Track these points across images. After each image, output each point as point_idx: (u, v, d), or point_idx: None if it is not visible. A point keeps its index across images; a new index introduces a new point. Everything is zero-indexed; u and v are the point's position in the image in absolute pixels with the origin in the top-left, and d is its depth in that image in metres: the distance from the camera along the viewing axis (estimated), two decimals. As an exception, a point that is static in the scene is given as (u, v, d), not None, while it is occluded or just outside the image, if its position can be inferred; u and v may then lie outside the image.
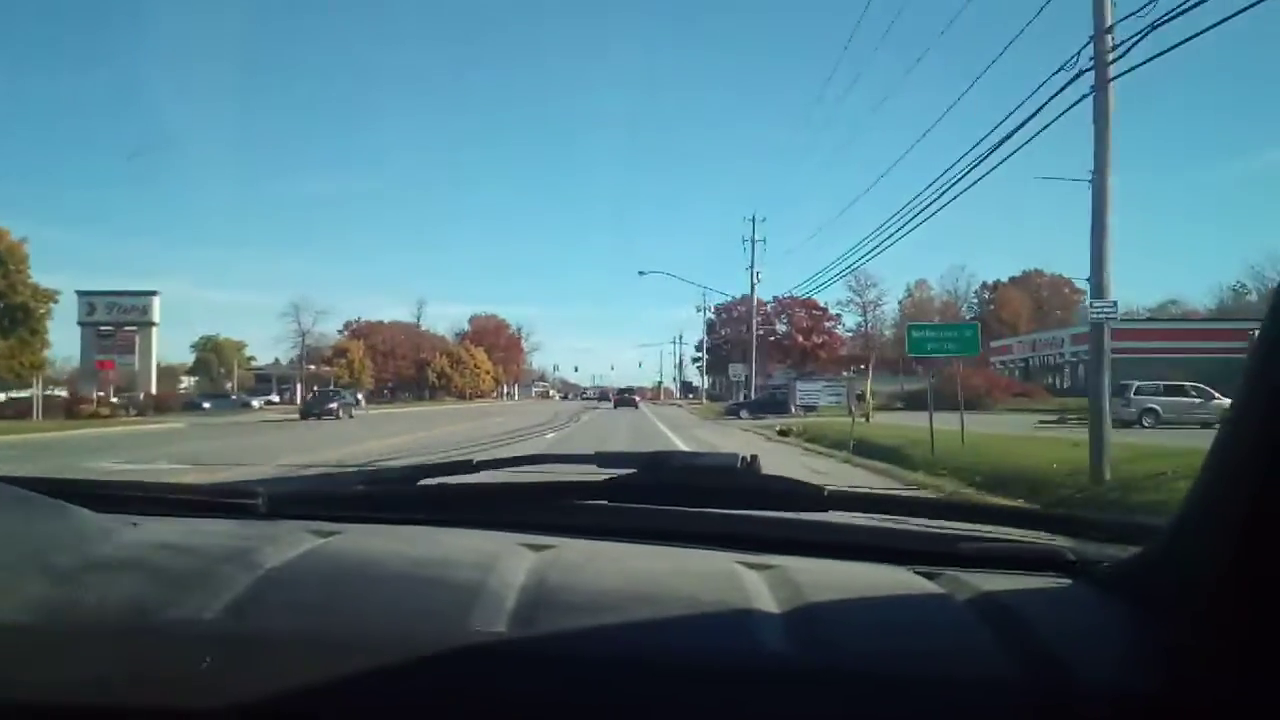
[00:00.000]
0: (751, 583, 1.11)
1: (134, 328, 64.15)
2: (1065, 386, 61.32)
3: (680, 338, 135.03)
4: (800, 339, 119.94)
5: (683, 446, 20.16)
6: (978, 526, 1.49)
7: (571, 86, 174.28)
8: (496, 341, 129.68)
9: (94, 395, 48.63)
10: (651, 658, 0.93)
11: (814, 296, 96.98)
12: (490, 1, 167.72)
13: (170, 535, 1.28)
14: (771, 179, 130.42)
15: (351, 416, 50.70)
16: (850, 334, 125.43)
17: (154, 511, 1.44)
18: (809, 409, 46.21)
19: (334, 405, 51.99)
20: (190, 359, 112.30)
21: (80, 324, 64.87)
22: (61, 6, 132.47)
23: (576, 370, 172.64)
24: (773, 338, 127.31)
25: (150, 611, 0.97)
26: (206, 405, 61.06)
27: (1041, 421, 33.01)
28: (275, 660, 0.91)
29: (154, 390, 60.23)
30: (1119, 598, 1.05)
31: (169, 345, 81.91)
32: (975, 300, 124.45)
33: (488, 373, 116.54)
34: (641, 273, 56.71)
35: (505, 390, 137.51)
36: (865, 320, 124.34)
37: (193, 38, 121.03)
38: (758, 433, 30.80)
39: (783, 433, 30.53)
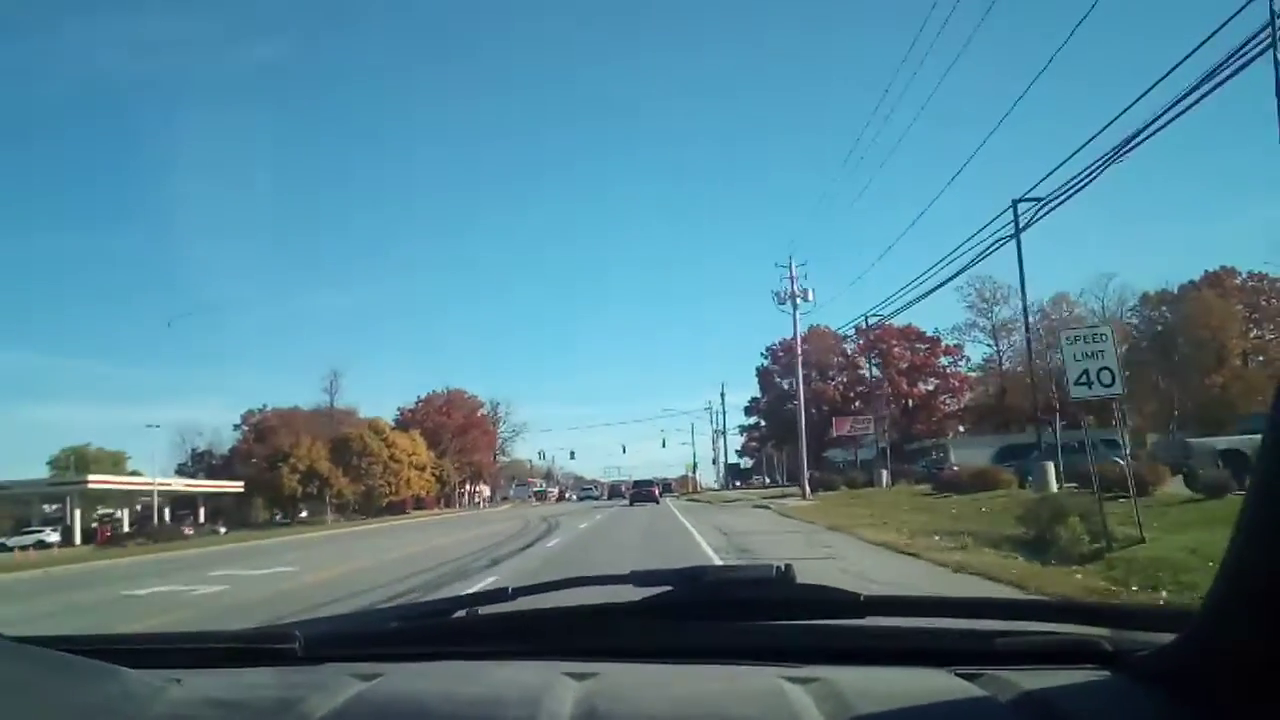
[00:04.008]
0: (798, 698, 1.14)
1: None
2: None
3: (722, 397, 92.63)
4: (903, 384, 78.56)
5: None
6: (1014, 622, 1.45)
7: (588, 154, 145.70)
8: (446, 422, 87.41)
9: None
10: None
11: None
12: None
13: (216, 691, 1.28)
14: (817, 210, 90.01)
15: None
16: (976, 373, 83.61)
17: (193, 663, 1.44)
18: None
19: None
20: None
21: None
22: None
23: (573, 457, 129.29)
24: (861, 386, 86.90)
25: None
26: None
27: None
28: None
29: None
30: (1156, 688, 1.05)
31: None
32: (1136, 316, 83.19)
33: (420, 469, 74.04)
34: None
35: (471, 493, 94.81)
36: (997, 350, 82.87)
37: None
38: None
39: None
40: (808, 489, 40.22)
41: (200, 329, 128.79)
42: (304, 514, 67.25)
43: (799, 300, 43.57)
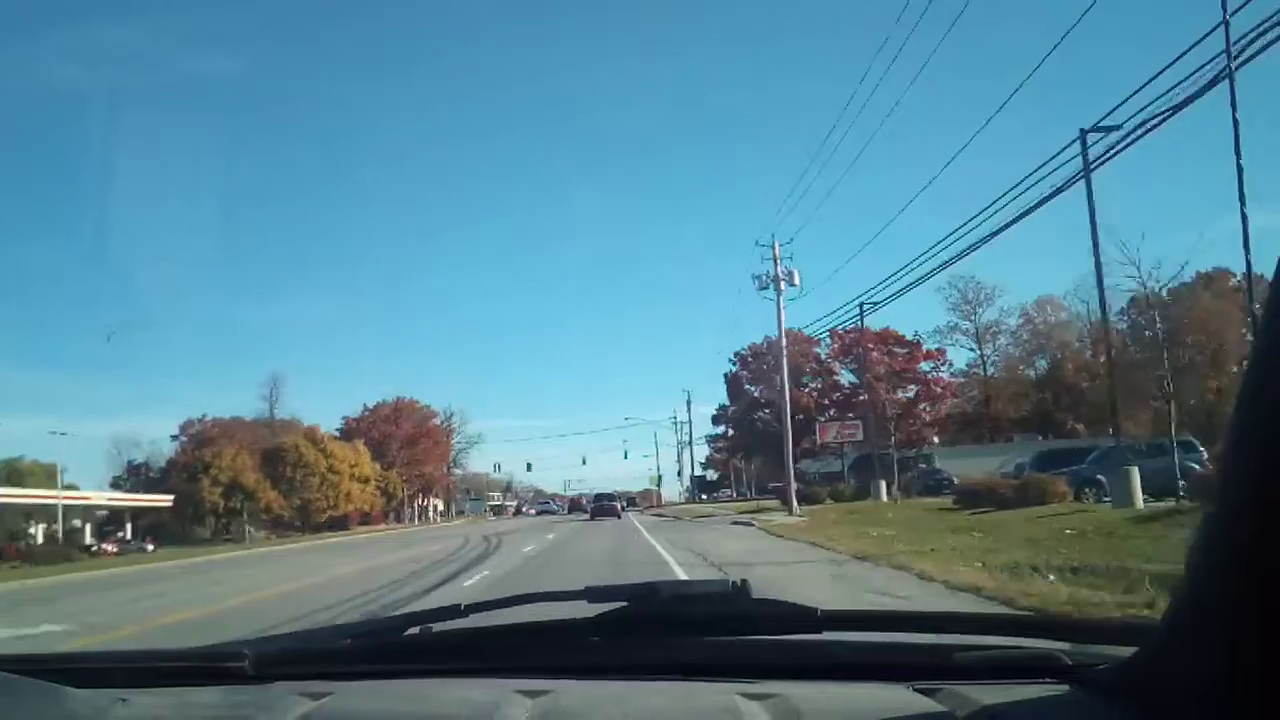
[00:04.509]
0: (754, 715, 1.14)
1: None
2: None
3: (688, 405, 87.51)
4: (883, 389, 73.74)
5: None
6: (973, 637, 1.43)
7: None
8: (394, 432, 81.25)
9: None
10: None
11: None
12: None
13: (162, 710, 1.27)
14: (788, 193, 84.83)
15: None
16: (960, 378, 78.98)
17: (139, 683, 1.40)
18: None
19: None
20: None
21: None
22: None
23: (530, 469, 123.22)
24: (836, 394, 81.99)
25: None
26: None
27: None
28: None
29: None
30: (1116, 702, 1.04)
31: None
32: (1125, 320, 79.05)
33: (363, 481, 67.93)
34: None
35: (421, 507, 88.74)
36: (981, 355, 78.29)
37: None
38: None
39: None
40: (795, 503, 34.93)
41: (146, 340, 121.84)
42: (252, 529, 61.43)
43: (784, 284, 37.85)
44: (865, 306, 35.55)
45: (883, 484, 36.47)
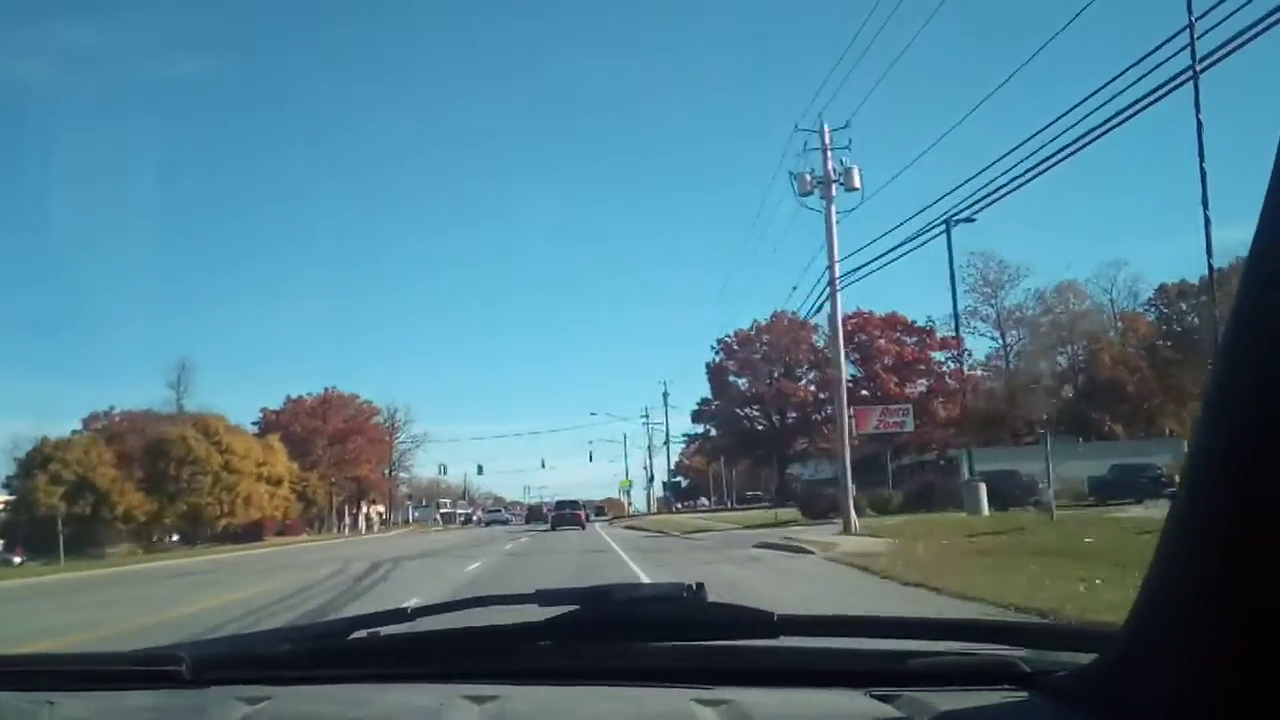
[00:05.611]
0: None
1: None
2: None
3: (664, 398, 76.40)
4: (892, 383, 63.47)
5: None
6: (932, 643, 1.43)
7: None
8: (320, 427, 69.43)
9: None
10: None
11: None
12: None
13: (90, 714, 1.25)
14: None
15: None
16: (981, 370, 68.76)
17: (70, 686, 1.37)
18: None
19: None
20: None
21: None
22: None
23: (481, 472, 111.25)
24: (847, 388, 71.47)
25: None
26: None
27: None
28: None
29: None
30: (1075, 709, 1.04)
31: None
32: (1153, 310, 69.78)
33: (275, 483, 56.18)
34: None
35: (354, 514, 76.92)
36: (1004, 343, 68.23)
37: None
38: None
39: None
40: (853, 515, 23.48)
41: (70, 337, 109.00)
42: (155, 540, 49.99)
43: (836, 185, 24.30)
44: (954, 220, 24.48)
45: (981, 488, 25.36)
